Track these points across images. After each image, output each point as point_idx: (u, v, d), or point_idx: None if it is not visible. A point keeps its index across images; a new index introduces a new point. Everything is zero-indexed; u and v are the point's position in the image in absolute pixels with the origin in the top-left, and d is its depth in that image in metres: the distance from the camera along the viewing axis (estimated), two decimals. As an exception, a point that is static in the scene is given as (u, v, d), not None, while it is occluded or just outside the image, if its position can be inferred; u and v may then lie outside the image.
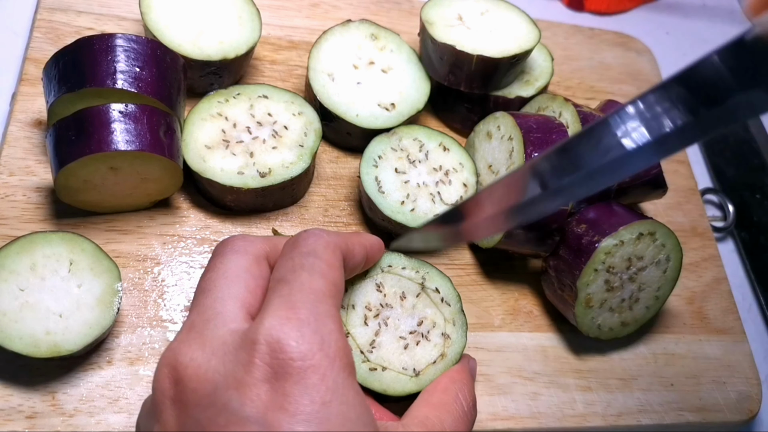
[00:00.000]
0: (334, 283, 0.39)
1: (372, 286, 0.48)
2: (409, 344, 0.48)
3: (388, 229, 0.57)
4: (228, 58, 0.58)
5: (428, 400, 0.44)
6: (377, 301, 0.48)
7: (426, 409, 0.43)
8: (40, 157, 0.54)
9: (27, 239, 0.46)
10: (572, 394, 0.57)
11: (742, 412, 0.60)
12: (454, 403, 0.44)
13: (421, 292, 0.49)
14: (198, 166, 0.53)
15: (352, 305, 0.48)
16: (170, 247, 0.54)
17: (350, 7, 0.72)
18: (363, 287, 0.48)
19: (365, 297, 0.48)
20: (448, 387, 0.45)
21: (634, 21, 0.91)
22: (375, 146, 0.58)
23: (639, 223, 0.55)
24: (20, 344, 0.44)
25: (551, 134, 0.56)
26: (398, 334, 0.48)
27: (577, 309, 0.55)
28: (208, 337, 0.36)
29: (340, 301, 0.39)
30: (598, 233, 0.54)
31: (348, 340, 0.45)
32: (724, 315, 0.66)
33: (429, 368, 0.47)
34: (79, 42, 0.49)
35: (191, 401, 0.34)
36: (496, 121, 0.59)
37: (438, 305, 0.49)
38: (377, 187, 0.56)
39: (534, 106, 0.63)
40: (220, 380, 0.34)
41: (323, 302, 0.37)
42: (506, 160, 0.57)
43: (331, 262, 0.39)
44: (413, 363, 0.47)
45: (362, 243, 0.45)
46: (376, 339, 0.47)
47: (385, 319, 0.48)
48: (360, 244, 0.45)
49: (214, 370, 0.34)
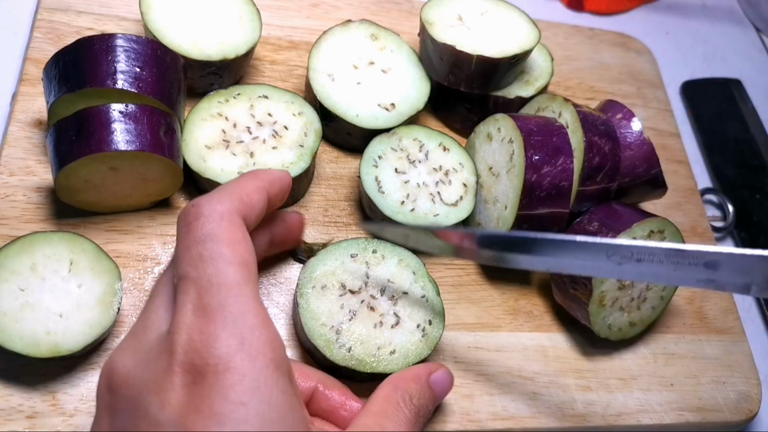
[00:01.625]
0: (244, 263, 0.37)
1: (344, 264, 0.51)
2: (384, 325, 0.50)
3: None
4: (228, 58, 0.58)
5: (370, 409, 0.44)
6: (350, 279, 0.51)
7: (365, 418, 0.43)
8: (40, 157, 0.54)
9: (27, 239, 0.47)
10: (572, 394, 0.57)
11: (741, 412, 0.60)
12: (395, 410, 0.43)
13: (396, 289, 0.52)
14: (198, 166, 0.53)
15: (323, 286, 0.50)
16: (170, 247, 0.54)
17: (350, 7, 0.72)
18: (334, 265, 0.51)
19: (337, 276, 0.51)
20: (389, 395, 0.44)
21: (634, 21, 0.91)
22: (375, 146, 0.58)
23: (650, 221, 0.56)
24: (20, 344, 0.44)
25: (552, 137, 0.56)
26: (372, 318, 0.50)
27: (590, 307, 0.55)
28: (142, 342, 0.36)
29: (256, 277, 0.37)
30: (612, 230, 0.55)
31: (313, 322, 0.47)
32: (724, 315, 0.66)
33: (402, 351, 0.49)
34: (79, 42, 0.49)
35: (120, 407, 0.35)
36: (497, 123, 0.59)
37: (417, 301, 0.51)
38: (377, 188, 0.56)
39: (534, 106, 0.63)
40: (143, 386, 0.34)
41: (237, 296, 0.35)
42: (507, 163, 0.57)
43: (233, 239, 0.37)
44: (387, 343, 0.49)
45: (258, 186, 0.42)
46: (349, 320, 0.49)
47: (359, 301, 0.50)
48: (257, 188, 0.42)
49: (139, 377, 0.35)
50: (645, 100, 0.79)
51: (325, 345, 0.48)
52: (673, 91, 0.86)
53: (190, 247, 0.37)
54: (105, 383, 0.36)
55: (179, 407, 0.33)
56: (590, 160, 0.57)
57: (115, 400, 0.35)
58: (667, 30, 0.93)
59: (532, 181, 0.54)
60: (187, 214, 0.38)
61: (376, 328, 0.50)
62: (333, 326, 0.49)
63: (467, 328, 0.57)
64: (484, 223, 0.59)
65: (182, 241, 0.37)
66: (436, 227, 0.51)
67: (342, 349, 0.48)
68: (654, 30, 0.91)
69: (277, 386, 0.34)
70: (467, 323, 0.57)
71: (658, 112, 0.79)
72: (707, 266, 0.38)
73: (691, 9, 0.97)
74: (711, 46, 0.94)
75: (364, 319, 0.50)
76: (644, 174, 0.60)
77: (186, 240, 0.37)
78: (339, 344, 0.49)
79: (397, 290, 0.51)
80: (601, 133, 0.58)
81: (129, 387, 0.35)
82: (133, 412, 0.34)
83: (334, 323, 0.49)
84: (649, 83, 0.81)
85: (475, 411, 0.53)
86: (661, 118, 0.78)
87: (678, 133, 0.78)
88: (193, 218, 0.38)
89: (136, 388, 0.34)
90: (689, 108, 0.85)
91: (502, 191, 0.57)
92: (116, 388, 0.35)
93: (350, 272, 0.51)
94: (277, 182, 0.45)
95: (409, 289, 0.52)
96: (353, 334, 0.49)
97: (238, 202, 0.39)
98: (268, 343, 0.35)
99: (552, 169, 0.55)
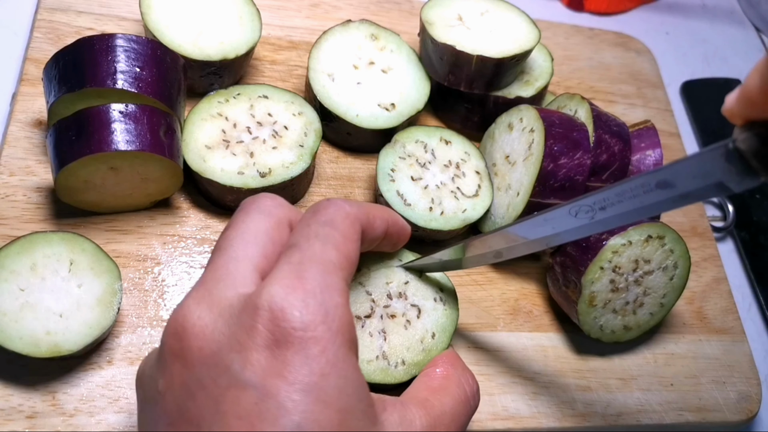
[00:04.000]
0: (347, 257, 0.38)
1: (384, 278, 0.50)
2: (411, 321, 0.49)
3: (421, 237, 0.58)
4: (228, 58, 0.58)
5: (429, 384, 0.44)
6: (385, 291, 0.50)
7: (426, 392, 0.43)
8: (40, 157, 0.54)
9: (27, 239, 0.47)
10: (572, 394, 0.57)
11: (741, 412, 0.60)
12: (456, 387, 0.44)
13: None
14: (198, 166, 0.53)
15: (367, 291, 0.49)
16: (170, 247, 0.54)
17: (350, 7, 0.72)
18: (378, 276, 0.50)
19: (380, 288, 0.49)
20: (449, 373, 0.45)
21: (634, 21, 0.91)
22: (384, 161, 0.58)
23: (648, 225, 0.55)
24: (20, 344, 0.44)
25: (572, 131, 0.56)
26: (399, 322, 0.49)
27: (580, 306, 0.55)
28: (217, 297, 0.36)
29: (352, 275, 0.39)
30: (607, 231, 0.55)
31: None
32: (724, 315, 0.66)
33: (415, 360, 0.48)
34: (80, 42, 0.49)
35: (196, 360, 0.34)
36: (519, 113, 0.59)
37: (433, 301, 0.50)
38: (402, 202, 0.56)
39: (553, 105, 0.65)
40: (224, 342, 0.34)
41: (333, 274, 0.36)
42: (525, 152, 0.57)
43: (347, 234, 0.39)
44: (424, 332, 0.49)
45: (384, 217, 0.44)
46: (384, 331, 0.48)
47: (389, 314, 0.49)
48: (382, 218, 0.44)
49: (219, 332, 0.35)
50: (645, 100, 0.79)
51: (384, 375, 0.47)
52: (673, 91, 0.86)
53: (310, 225, 0.38)
54: (174, 330, 0.36)
55: (262, 370, 0.33)
56: (597, 156, 0.57)
57: (187, 350, 0.35)
58: (667, 30, 0.93)
59: (548, 169, 0.55)
60: (319, 203, 0.40)
61: (407, 328, 0.49)
62: (377, 355, 0.48)
63: (467, 328, 0.57)
64: (494, 209, 0.59)
65: (306, 219, 0.39)
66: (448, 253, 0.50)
67: (399, 368, 0.48)
68: (654, 30, 0.91)
69: (352, 363, 0.35)
70: (467, 323, 0.57)
71: (658, 112, 0.79)
72: (660, 186, 0.38)
73: (691, 9, 0.97)
74: (711, 46, 0.94)
75: (394, 328, 0.49)
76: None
77: (309, 219, 0.39)
78: (394, 366, 0.48)
79: (397, 286, 0.51)
80: (613, 132, 0.58)
81: (207, 340, 0.35)
82: (212, 367, 0.34)
83: (376, 353, 0.48)
84: (649, 83, 0.81)
85: (475, 411, 0.53)
86: (661, 118, 0.78)
87: (678, 133, 0.78)
88: (323, 207, 0.40)
89: (216, 343, 0.34)
90: (689, 108, 0.85)
91: (516, 179, 0.57)
92: (190, 338, 0.35)
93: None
94: (399, 225, 0.47)
95: (405, 278, 0.51)
96: (397, 348, 0.48)
97: (365, 215, 0.42)
98: (347, 324, 0.36)
99: (569, 161, 0.55)
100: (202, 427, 0.33)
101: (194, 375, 0.34)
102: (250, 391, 0.33)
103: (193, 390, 0.34)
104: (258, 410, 0.32)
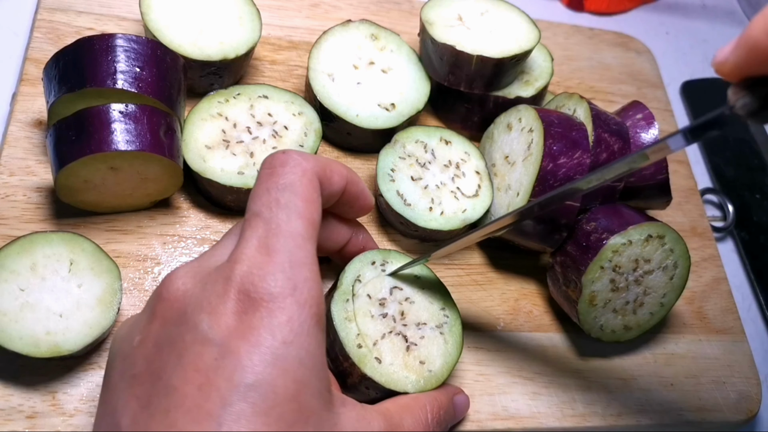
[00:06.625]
0: (312, 221, 0.39)
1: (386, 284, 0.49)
2: (411, 348, 0.48)
3: (421, 237, 0.58)
4: (228, 58, 0.58)
5: (395, 401, 0.45)
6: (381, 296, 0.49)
7: (390, 405, 0.44)
8: (40, 157, 0.54)
9: (27, 239, 0.47)
10: (572, 394, 0.57)
11: (741, 412, 0.60)
12: (419, 409, 0.45)
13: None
14: (198, 166, 0.53)
15: (367, 294, 0.49)
16: (170, 247, 0.54)
17: (350, 7, 0.72)
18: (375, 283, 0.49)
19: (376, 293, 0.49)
20: (419, 397, 0.46)
21: (634, 21, 0.91)
22: (384, 160, 0.58)
23: (648, 225, 0.55)
24: (20, 344, 0.44)
25: (572, 131, 0.56)
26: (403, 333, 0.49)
27: (580, 306, 0.55)
28: (203, 267, 0.38)
29: (317, 236, 0.39)
30: (607, 231, 0.55)
31: (351, 326, 0.47)
32: (724, 315, 0.66)
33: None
34: (79, 42, 0.49)
35: (169, 316, 0.37)
36: (518, 113, 0.59)
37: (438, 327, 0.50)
38: (402, 201, 0.56)
39: (552, 105, 0.65)
40: (197, 304, 0.36)
41: (301, 248, 0.37)
42: (524, 152, 0.57)
43: (308, 196, 0.39)
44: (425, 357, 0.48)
45: (342, 173, 0.44)
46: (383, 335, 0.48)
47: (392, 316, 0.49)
48: (340, 173, 0.44)
49: (195, 295, 0.37)
50: (645, 100, 0.79)
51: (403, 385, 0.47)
52: (673, 91, 0.86)
53: (270, 190, 0.39)
54: (159, 292, 0.38)
55: (227, 330, 0.35)
56: (597, 155, 0.57)
57: (166, 309, 0.37)
58: (667, 30, 0.93)
59: (547, 169, 0.55)
60: (274, 158, 0.40)
61: (410, 351, 0.48)
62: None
63: (467, 328, 0.57)
64: (494, 209, 0.59)
65: (263, 182, 0.40)
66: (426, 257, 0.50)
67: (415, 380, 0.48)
68: (654, 30, 0.91)
69: (316, 339, 0.36)
70: (467, 323, 0.57)
71: (658, 112, 0.79)
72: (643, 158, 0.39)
73: (691, 9, 0.97)
74: (711, 46, 0.94)
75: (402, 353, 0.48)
76: (650, 178, 0.60)
77: (267, 182, 0.39)
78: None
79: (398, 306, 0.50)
80: (613, 131, 0.58)
81: (183, 302, 0.37)
82: (182, 324, 0.36)
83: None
84: (649, 83, 0.81)
85: (475, 411, 0.53)
86: (661, 118, 0.78)
87: (678, 133, 0.78)
88: (280, 164, 0.40)
89: (191, 305, 0.36)
90: (689, 108, 0.85)
91: (516, 179, 0.57)
92: (170, 299, 0.37)
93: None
94: (359, 186, 0.46)
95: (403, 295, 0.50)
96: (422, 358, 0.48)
97: (321, 168, 0.42)
98: (315, 297, 0.37)
99: (568, 161, 0.55)
100: (162, 378, 0.35)
101: (165, 331, 0.36)
102: (213, 347, 0.34)
103: (162, 345, 0.36)
104: (216, 365, 0.34)
